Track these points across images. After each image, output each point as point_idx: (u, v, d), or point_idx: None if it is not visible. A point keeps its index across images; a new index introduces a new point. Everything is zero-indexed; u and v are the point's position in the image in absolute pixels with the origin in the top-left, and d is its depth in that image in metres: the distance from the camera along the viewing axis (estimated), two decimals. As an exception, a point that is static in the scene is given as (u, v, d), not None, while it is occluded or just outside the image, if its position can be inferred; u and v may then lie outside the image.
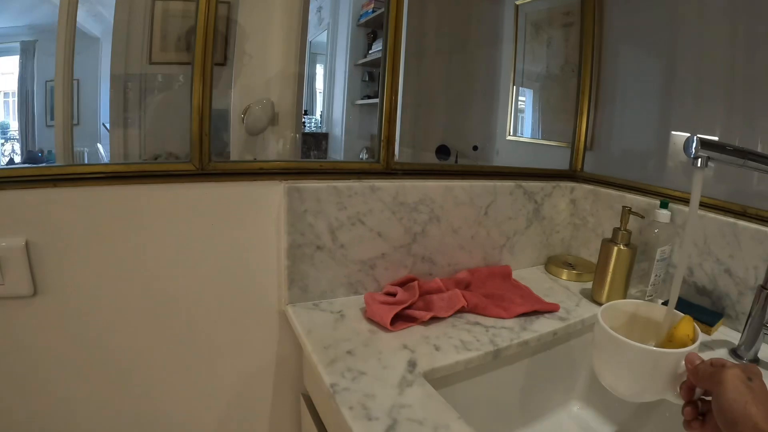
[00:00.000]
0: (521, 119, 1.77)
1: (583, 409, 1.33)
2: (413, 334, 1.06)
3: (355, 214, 1.17)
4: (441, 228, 1.31)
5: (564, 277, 1.52)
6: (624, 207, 1.32)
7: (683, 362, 0.78)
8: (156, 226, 1.04)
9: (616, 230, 1.32)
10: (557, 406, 1.31)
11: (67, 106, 1.11)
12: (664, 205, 1.34)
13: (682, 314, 0.90)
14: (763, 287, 1.11)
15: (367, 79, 1.53)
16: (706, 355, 1.14)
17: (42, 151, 1.13)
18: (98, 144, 1.13)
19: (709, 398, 0.74)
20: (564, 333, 1.21)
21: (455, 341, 1.05)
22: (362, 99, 1.49)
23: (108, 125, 1.13)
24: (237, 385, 1.23)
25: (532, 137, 1.78)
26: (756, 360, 1.13)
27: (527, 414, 1.24)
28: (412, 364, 0.94)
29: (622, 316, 0.97)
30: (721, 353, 1.16)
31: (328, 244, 1.16)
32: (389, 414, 0.79)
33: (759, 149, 1.26)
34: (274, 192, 1.13)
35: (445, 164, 1.36)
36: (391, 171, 1.25)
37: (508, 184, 1.42)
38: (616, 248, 1.31)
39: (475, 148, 1.58)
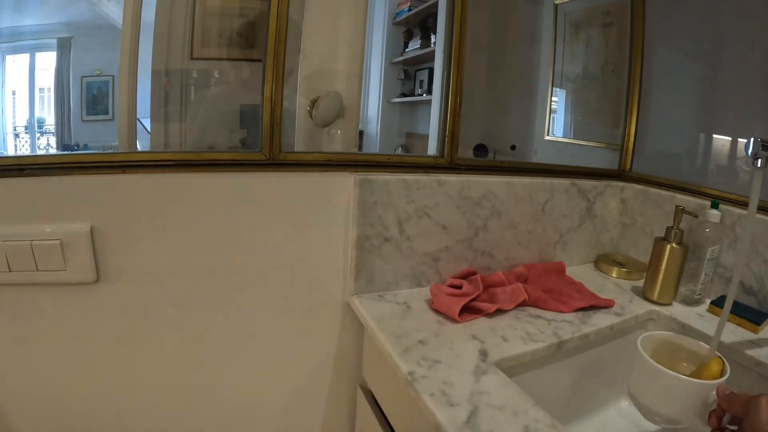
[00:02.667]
0: (558, 119, 1.78)
1: (631, 406, 1.36)
2: (480, 325, 1.10)
3: (423, 207, 1.21)
4: (501, 223, 1.34)
5: (614, 275, 1.55)
6: (677, 206, 1.34)
7: (714, 392, 0.84)
8: (224, 214, 1.08)
9: (668, 229, 1.35)
10: (607, 401, 1.33)
11: (131, 100, 1.14)
12: (714, 206, 1.36)
13: (717, 354, 0.95)
14: None
15: (402, 77, 1.55)
16: (754, 353, 1.17)
17: (78, 145, 1.17)
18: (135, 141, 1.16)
19: (733, 428, 0.82)
20: (619, 328, 1.24)
21: (521, 332, 1.09)
22: (398, 97, 1.51)
23: (143, 121, 1.16)
24: (297, 374, 1.26)
25: (568, 137, 1.80)
26: (805, 359, 1.16)
27: (579, 408, 1.26)
28: (483, 354, 0.98)
29: (660, 344, 1.02)
30: None
31: (396, 236, 1.19)
32: (469, 400, 0.83)
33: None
34: (345, 183, 1.16)
35: (505, 161, 1.38)
36: (455, 166, 1.28)
37: (564, 182, 1.45)
38: (668, 246, 1.33)
39: (513, 147, 1.61)
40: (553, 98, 1.76)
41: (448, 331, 1.06)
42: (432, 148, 1.34)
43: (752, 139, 0.88)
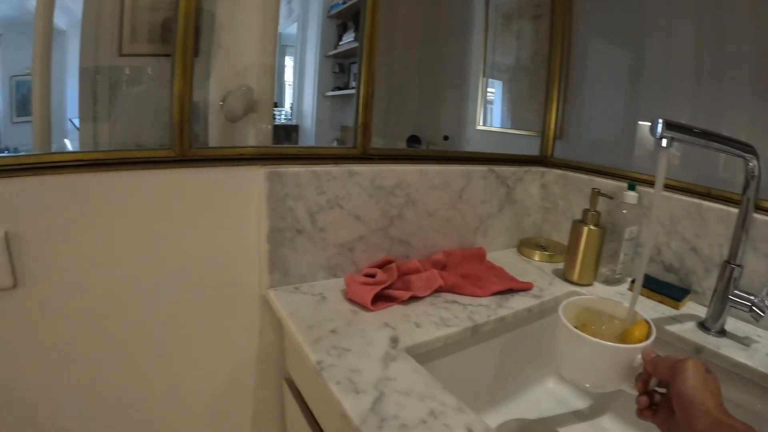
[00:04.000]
0: (491, 109, 1.79)
1: (558, 385, 1.37)
2: (394, 313, 1.09)
3: (334, 197, 1.19)
4: (417, 211, 1.34)
5: (536, 258, 1.56)
6: (593, 189, 1.37)
7: (639, 356, 0.83)
8: (137, 213, 1.05)
9: (585, 211, 1.37)
10: (533, 382, 1.35)
11: (45, 99, 1.10)
12: (631, 187, 1.38)
13: (642, 316, 0.94)
14: (727, 262, 1.16)
15: (337, 70, 1.54)
16: (675, 328, 1.18)
17: (8, 149, 1.12)
18: (66, 140, 1.12)
19: (661, 390, 0.81)
20: (538, 310, 1.25)
21: (435, 318, 1.08)
22: (333, 90, 1.50)
23: (75, 121, 1.13)
24: (220, 372, 1.24)
25: (503, 127, 1.82)
26: (722, 332, 1.18)
27: (506, 390, 1.28)
28: (394, 341, 0.97)
29: (582, 310, 1.01)
30: (689, 327, 1.21)
31: (308, 228, 1.18)
32: (376, 387, 0.82)
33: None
34: (255, 177, 1.13)
35: (420, 150, 1.38)
36: (368, 156, 1.27)
37: (481, 168, 1.46)
38: (586, 228, 1.35)
39: (445, 137, 1.61)
40: (490, 89, 1.77)
41: (361, 319, 1.05)
42: None
43: (658, 120, 0.90)
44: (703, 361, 0.74)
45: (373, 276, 1.19)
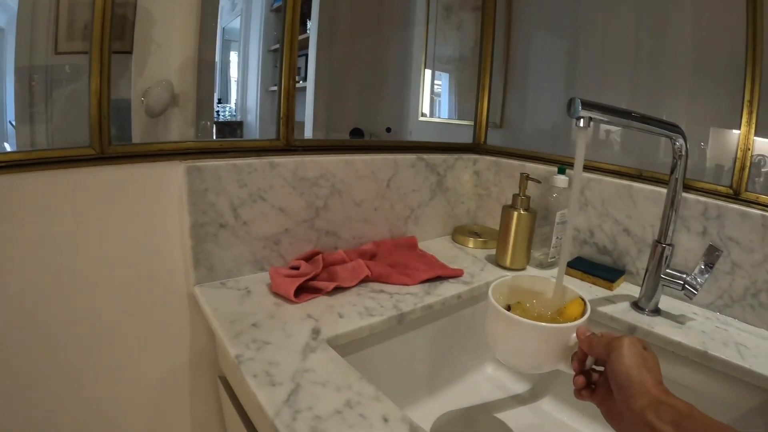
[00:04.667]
0: (435, 101, 1.81)
1: (497, 370, 1.38)
2: (318, 304, 1.08)
3: (256, 190, 1.17)
4: (343, 201, 1.32)
5: (470, 245, 1.56)
6: (522, 174, 1.37)
7: (574, 335, 0.82)
8: (55, 214, 1.01)
9: (515, 196, 1.38)
10: (472, 368, 1.36)
11: None
12: (561, 171, 1.40)
13: (576, 292, 0.94)
14: (658, 242, 1.17)
15: (279, 64, 1.52)
16: (608, 309, 1.19)
17: None
18: (5, 143, 1.09)
19: (599, 368, 0.80)
20: (469, 296, 1.25)
21: (359, 308, 1.07)
22: (275, 85, 1.48)
23: (14, 123, 1.10)
24: (152, 375, 1.20)
25: (448, 118, 1.83)
26: (657, 311, 1.20)
27: (443, 378, 1.28)
28: (315, 332, 0.96)
29: (514, 290, 0.99)
30: (623, 307, 1.22)
31: (231, 222, 1.15)
32: (292, 379, 0.80)
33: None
34: (175, 172, 1.11)
35: (346, 140, 1.37)
36: (292, 147, 1.25)
37: (410, 157, 1.45)
38: (516, 213, 1.36)
39: (388, 129, 1.60)
40: (437, 82, 1.79)
41: (284, 312, 1.03)
42: (308, 134, 1.35)
43: (576, 99, 0.89)
44: (640, 339, 0.73)
45: (298, 268, 1.18)
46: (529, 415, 1.24)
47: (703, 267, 1.12)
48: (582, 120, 0.90)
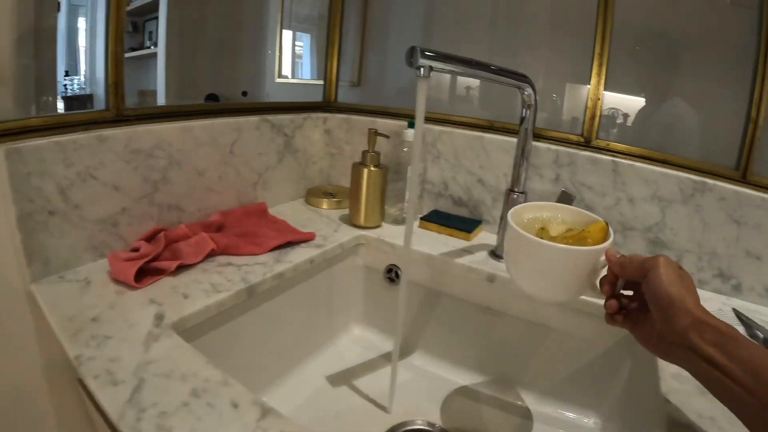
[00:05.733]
0: (297, 63, 1.77)
1: (364, 330, 1.37)
2: (162, 287, 1.01)
3: (85, 169, 1.06)
4: (184, 172, 1.23)
5: (325, 206, 1.54)
6: (370, 129, 1.35)
7: (603, 257, 0.78)
8: None
9: (364, 153, 1.36)
10: (338, 332, 1.37)
11: None
12: (411, 125, 1.39)
13: (595, 217, 0.89)
14: (511, 190, 1.19)
15: (131, 29, 1.41)
16: (466, 260, 1.20)
17: None
18: None
19: (628, 292, 0.77)
20: (322, 259, 1.23)
21: (205, 285, 1.01)
22: (127, 52, 1.38)
23: None
24: (11, 381, 1.09)
25: (311, 79, 1.79)
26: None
27: (307, 346, 1.27)
28: (159, 318, 0.89)
29: (530, 219, 0.93)
30: (481, 256, 1.24)
31: (61, 207, 1.04)
32: (135, 374, 0.75)
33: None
34: (-6, 157, 0.99)
35: (184, 105, 1.28)
36: (123, 118, 1.15)
37: (253, 119, 1.39)
38: (366, 170, 1.35)
39: (244, 93, 1.53)
40: (298, 43, 1.74)
41: (126, 301, 0.96)
42: (162, 103, 1.27)
43: (415, 48, 0.87)
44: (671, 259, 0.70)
45: (138, 250, 1.10)
46: (401, 372, 1.24)
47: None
48: (422, 69, 0.88)
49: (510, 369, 1.26)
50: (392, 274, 1.35)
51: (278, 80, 1.68)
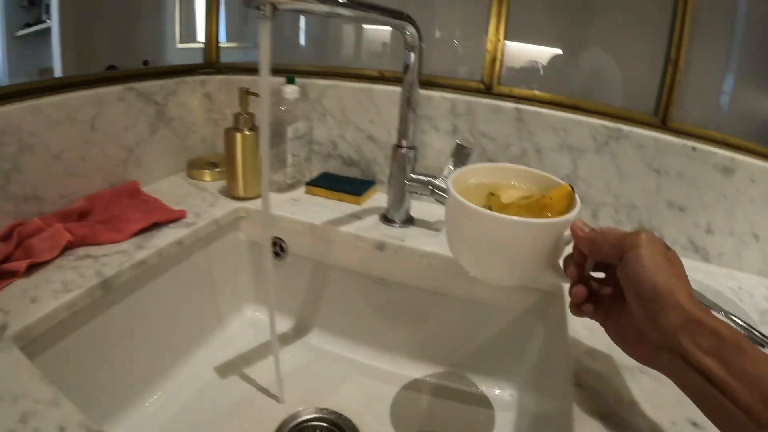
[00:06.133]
0: (221, 24, 1.65)
1: (256, 311, 1.31)
2: (12, 291, 0.89)
3: None
4: (38, 158, 1.10)
5: (207, 178, 1.45)
6: (240, 89, 1.27)
7: (568, 232, 0.65)
8: None
9: (237, 116, 1.28)
10: (227, 315, 1.30)
11: None
12: (291, 80, 1.32)
13: (557, 180, 0.75)
14: (398, 146, 1.12)
15: (26, 3, 1.28)
16: (353, 227, 1.14)
17: None
18: None
19: (599, 275, 0.66)
20: (193, 239, 1.14)
21: (56, 285, 0.90)
22: (23, 29, 1.25)
23: None
24: None
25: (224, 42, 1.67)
26: (410, 219, 1.16)
27: (191, 336, 1.19)
28: (2, 329, 0.79)
29: (477, 184, 0.79)
30: (372, 221, 1.19)
31: None
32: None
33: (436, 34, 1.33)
34: None
35: (33, 81, 1.14)
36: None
37: (116, 89, 1.25)
38: (239, 135, 1.27)
39: (145, 63, 1.41)
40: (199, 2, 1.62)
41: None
42: None
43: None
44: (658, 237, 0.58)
45: (-12, 252, 0.98)
46: (300, 354, 1.21)
47: (452, 167, 1.10)
48: (265, 8, 0.76)
49: (414, 343, 1.22)
50: (277, 248, 1.28)
51: (180, 45, 1.58)
